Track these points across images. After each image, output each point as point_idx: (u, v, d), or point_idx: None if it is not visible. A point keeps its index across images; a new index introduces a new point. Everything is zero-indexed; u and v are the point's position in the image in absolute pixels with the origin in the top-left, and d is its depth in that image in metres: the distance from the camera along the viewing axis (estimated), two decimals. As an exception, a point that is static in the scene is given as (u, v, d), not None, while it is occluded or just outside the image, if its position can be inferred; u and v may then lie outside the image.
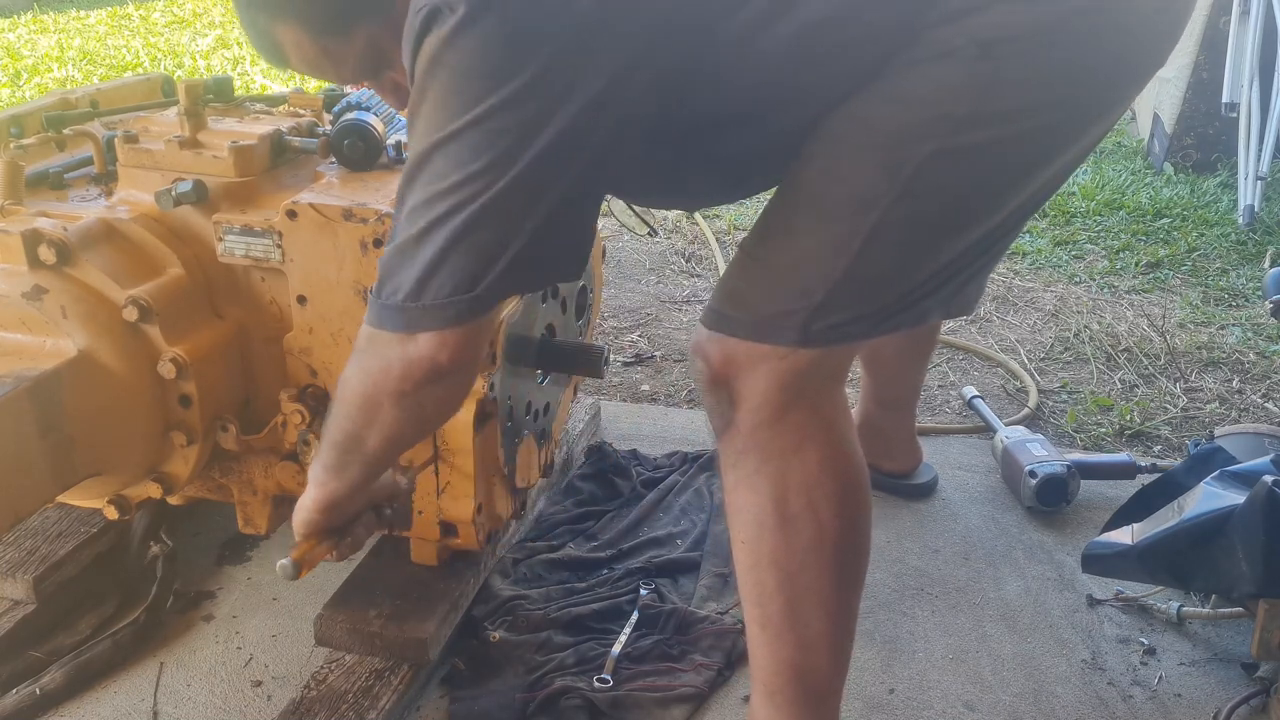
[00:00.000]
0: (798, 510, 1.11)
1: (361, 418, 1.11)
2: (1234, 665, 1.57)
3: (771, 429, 1.10)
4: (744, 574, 1.17)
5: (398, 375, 1.05)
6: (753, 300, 1.09)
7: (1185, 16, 1.09)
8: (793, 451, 1.11)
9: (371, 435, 1.12)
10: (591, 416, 2.11)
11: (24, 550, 1.61)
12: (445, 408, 1.14)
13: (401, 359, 1.04)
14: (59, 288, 1.36)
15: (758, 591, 1.15)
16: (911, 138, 1.01)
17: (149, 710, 1.46)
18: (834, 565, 1.13)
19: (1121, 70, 1.06)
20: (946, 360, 2.56)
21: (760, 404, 1.09)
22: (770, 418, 1.10)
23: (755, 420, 1.10)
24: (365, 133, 1.46)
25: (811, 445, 1.11)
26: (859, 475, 1.15)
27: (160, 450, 1.46)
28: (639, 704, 1.46)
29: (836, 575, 1.14)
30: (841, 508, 1.12)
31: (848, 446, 1.14)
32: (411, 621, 1.49)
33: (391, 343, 1.04)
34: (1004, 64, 0.99)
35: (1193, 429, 2.25)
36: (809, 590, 1.14)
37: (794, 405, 1.10)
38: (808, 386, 1.10)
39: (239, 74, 5.70)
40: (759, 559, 1.14)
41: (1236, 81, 3.55)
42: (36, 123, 1.60)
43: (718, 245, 3.21)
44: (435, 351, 1.02)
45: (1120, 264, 3.16)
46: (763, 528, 1.12)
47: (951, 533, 1.89)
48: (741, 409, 1.10)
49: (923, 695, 1.52)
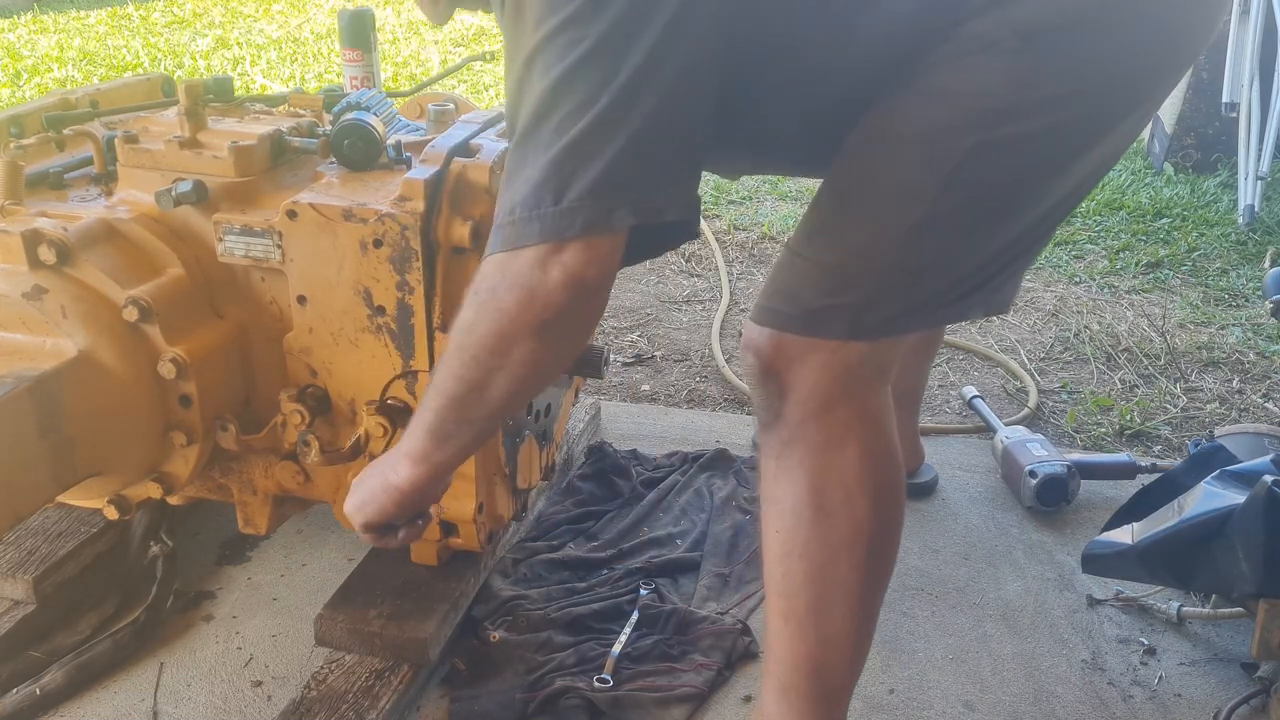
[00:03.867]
0: (835, 504, 1.12)
1: (491, 361, 1.03)
2: (1234, 665, 1.57)
3: (818, 421, 1.11)
4: (773, 564, 1.17)
5: (541, 300, 0.97)
6: (803, 295, 1.10)
7: (1223, 6, 1.10)
8: (836, 446, 1.11)
9: (498, 382, 1.04)
10: (591, 417, 2.11)
11: (24, 550, 1.61)
12: (578, 340, 1.07)
13: (544, 280, 0.96)
14: (59, 288, 1.36)
15: (786, 583, 1.15)
16: (954, 130, 1.02)
17: (149, 710, 1.46)
18: (865, 562, 1.14)
19: (1158, 59, 1.07)
20: (946, 360, 2.56)
21: (809, 396, 1.10)
22: (818, 410, 1.11)
23: (803, 412, 1.11)
24: (365, 133, 1.46)
25: (855, 440, 1.12)
26: (898, 474, 1.16)
27: (160, 450, 1.46)
28: (639, 704, 1.46)
29: (866, 572, 1.14)
30: (878, 505, 1.13)
31: (890, 444, 1.15)
32: (411, 621, 1.49)
33: (530, 264, 0.96)
34: (1044, 55, 1.00)
35: (1193, 429, 2.25)
36: (837, 585, 1.14)
37: (842, 399, 1.11)
38: (856, 380, 1.11)
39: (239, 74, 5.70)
40: (791, 549, 1.14)
41: (1236, 81, 3.55)
42: (36, 123, 1.60)
43: (718, 245, 3.21)
44: (584, 264, 0.95)
45: (1120, 264, 3.16)
46: (799, 519, 1.13)
47: (951, 533, 1.89)
48: (790, 400, 1.11)
49: (923, 695, 1.52)
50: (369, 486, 1.23)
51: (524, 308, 0.99)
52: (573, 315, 1.00)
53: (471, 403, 1.08)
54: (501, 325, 1.01)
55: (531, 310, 0.98)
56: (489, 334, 1.02)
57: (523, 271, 0.98)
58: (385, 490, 1.20)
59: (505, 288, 0.99)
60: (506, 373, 1.04)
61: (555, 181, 0.95)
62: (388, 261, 1.36)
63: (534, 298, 0.98)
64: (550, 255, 0.96)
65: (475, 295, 1.03)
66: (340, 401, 1.46)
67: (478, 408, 1.09)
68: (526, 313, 0.99)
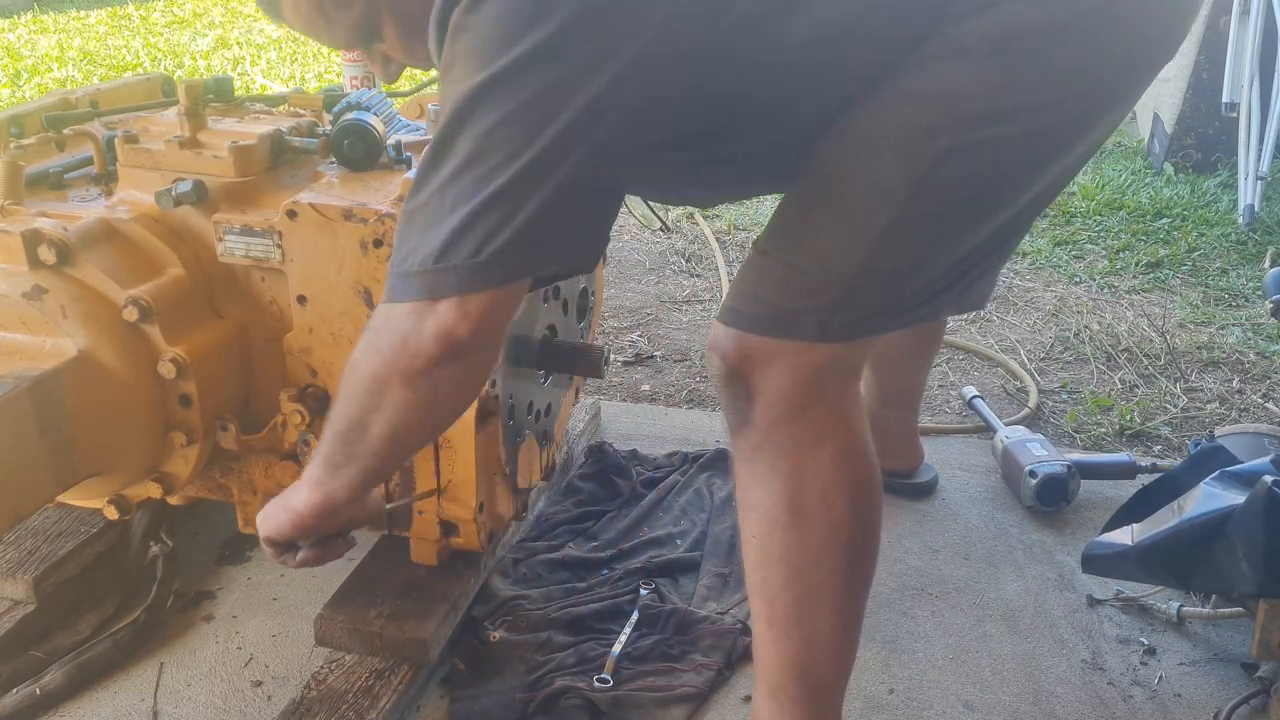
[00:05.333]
0: (811, 507, 1.11)
1: (369, 401, 1.05)
2: (1234, 665, 1.57)
3: (789, 425, 1.10)
4: (753, 569, 1.16)
5: (412, 349, 0.99)
6: (771, 296, 1.09)
7: (1195, 9, 1.10)
8: (809, 448, 1.11)
9: (376, 423, 1.06)
10: (591, 416, 2.11)
11: (24, 550, 1.61)
12: (459, 396, 1.08)
13: (417, 331, 0.98)
14: (59, 288, 1.36)
15: (766, 587, 1.15)
16: (926, 134, 1.02)
17: (149, 710, 1.46)
18: (844, 563, 1.13)
19: (1132, 64, 1.07)
20: (946, 360, 2.56)
21: (777, 400, 1.10)
22: (788, 413, 1.10)
23: (772, 416, 1.10)
24: (365, 133, 1.46)
25: (828, 442, 1.11)
26: (873, 474, 1.15)
27: (160, 450, 1.46)
28: (639, 704, 1.46)
29: (846, 573, 1.14)
30: (855, 506, 1.12)
31: (863, 444, 1.14)
32: (411, 621, 1.49)
33: (408, 314, 0.99)
34: (1017, 60, 0.99)
35: (1193, 429, 2.25)
36: (818, 587, 1.14)
37: (811, 401, 1.10)
38: (825, 382, 1.10)
39: (239, 74, 5.70)
40: (769, 554, 1.14)
41: (1236, 81, 3.55)
42: (36, 123, 1.60)
43: (718, 245, 3.21)
44: (455, 322, 0.97)
45: (1120, 264, 3.16)
46: (775, 523, 1.12)
47: (951, 533, 1.89)
48: (758, 404, 1.10)
49: (923, 695, 1.52)
50: (276, 503, 1.24)
51: (399, 353, 1.01)
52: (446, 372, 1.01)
53: (355, 439, 1.10)
54: (377, 368, 1.03)
55: (404, 357, 1.01)
56: (366, 374, 1.05)
57: (399, 320, 1.00)
58: (285, 509, 1.22)
59: (383, 331, 1.02)
60: (384, 416, 1.06)
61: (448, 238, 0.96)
62: (388, 261, 1.36)
63: (407, 345, 1.00)
64: (426, 309, 0.98)
65: (365, 333, 1.06)
66: (340, 401, 1.46)
67: (360, 444, 1.10)
68: (400, 358, 1.01)
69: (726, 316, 1.12)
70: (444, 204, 0.96)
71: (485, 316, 0.98)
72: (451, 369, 1.01)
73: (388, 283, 1.01)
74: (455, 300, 0.97)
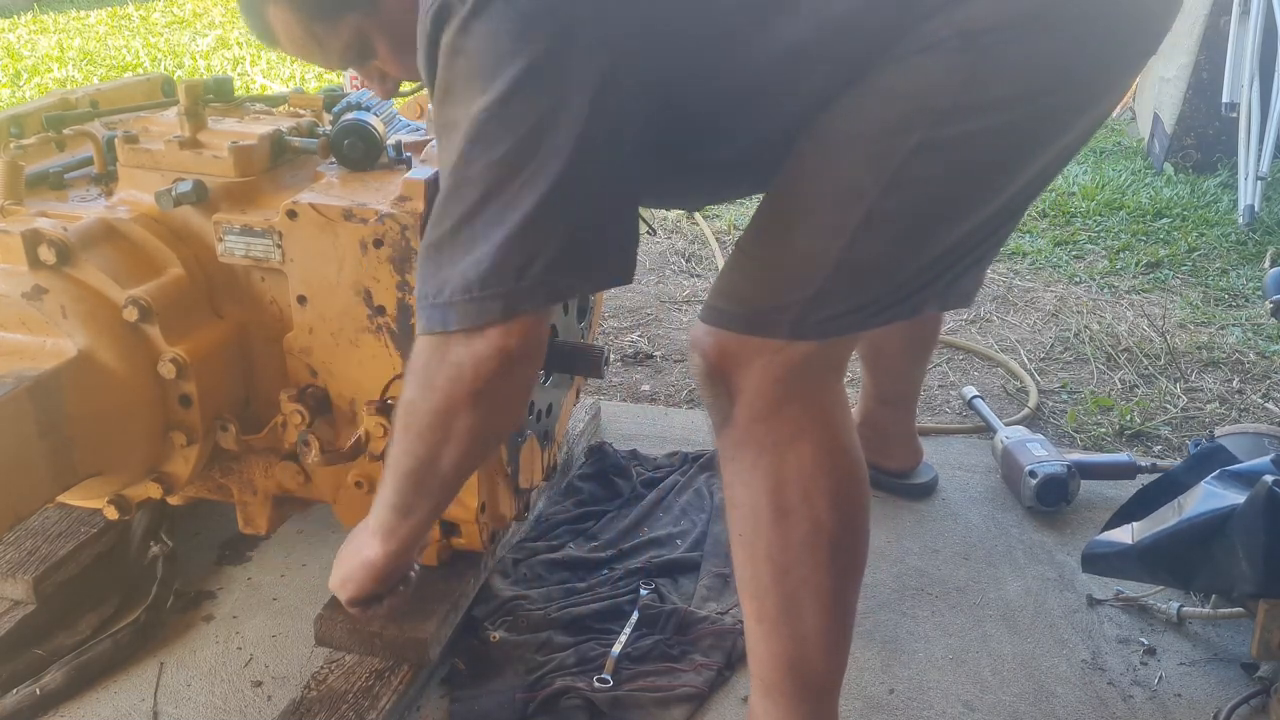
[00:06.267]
0: (793, 504, 1.11)
1: (435, 437, 1.08)
2: (1234, 665, 1.57)
3: (767, 422, 1.10)
4: (740, 568, 1.17)
5: (470, 375, 1.03)
6: (747, 294, 1.10)
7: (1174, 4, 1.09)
8: (788, 445, 1.11)
9: (447, 454, 1.09)
10: (592, 417, 2.11)
11: (24, 550, 1.61)
12: (516, 405, 1.13)
13: (472, 357, 1.02)
14: (59, 288, 1.36)
15: (754, 585, 1.16)
16: (897, 130, 1.02)
17: (149, 710, 1.46)
18: (830, 559, 1.13)
19: (1110, 58, 1.05)
20: (946, 360, 2.56)
21: (755, 397, 1.10)
22: (766, 411, 1.10)
23: (751, 414, 1.11)
24: (365, 133, 1.46)
25: (807, 439, 1.11)
26: (856, 469, 1.15)
27: (160, 450, 1.46)
28: (639, 704, 1.46)
29: (832, 569, 1.14)
30: (838, 501, 1.12)
31: (845, 440, 1.14)
32: (411, 621, 1.49)
33: (458, 343, 1.02)
34: (987, 55, 0.99)
35: (1193, 429, 2.25)
36: (804, 584, 1.14)
37: (790, 398, 1.10)
38: (803, 379, 1.10)
39: (239, 74, 5.70)
40: (755, 553, 1.14)
41: (1236, 81, 3.55)
42: (36, 123, 1.60)
43: (718, 245, 3.21)
44: (504, 339, 1.00)
45: (1120, 264, 3.16)
46: (759, 521, 1.13)
47: (951, 533, 1.89)
48: (738, 403, 1.11)
49: (923, 695, 1.52)
50: (347, 565, 1.28)
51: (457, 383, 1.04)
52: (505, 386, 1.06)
53: (425, 476, 1.13)
54: (439, 403, 1.06)
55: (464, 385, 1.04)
56: (429, 411, 1.08)
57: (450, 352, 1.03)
58: (363, 567, 1.25)
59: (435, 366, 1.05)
60: (453, 446, 1.09)
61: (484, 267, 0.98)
62: (388, 261, 1.36)
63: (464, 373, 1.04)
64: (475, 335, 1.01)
65: (411, 375, 1.09)
66: (340, 401, 1.46)
67: (433, 480, 1.13)
68: (460, 387, 1.04)
69: (706, 315, 1.13)
70: (474, 233, 0.98)
71: (530, 331, 1.02)
72: (507, 382, 1.05)
73: (422, 315, 1.03)
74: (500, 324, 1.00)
